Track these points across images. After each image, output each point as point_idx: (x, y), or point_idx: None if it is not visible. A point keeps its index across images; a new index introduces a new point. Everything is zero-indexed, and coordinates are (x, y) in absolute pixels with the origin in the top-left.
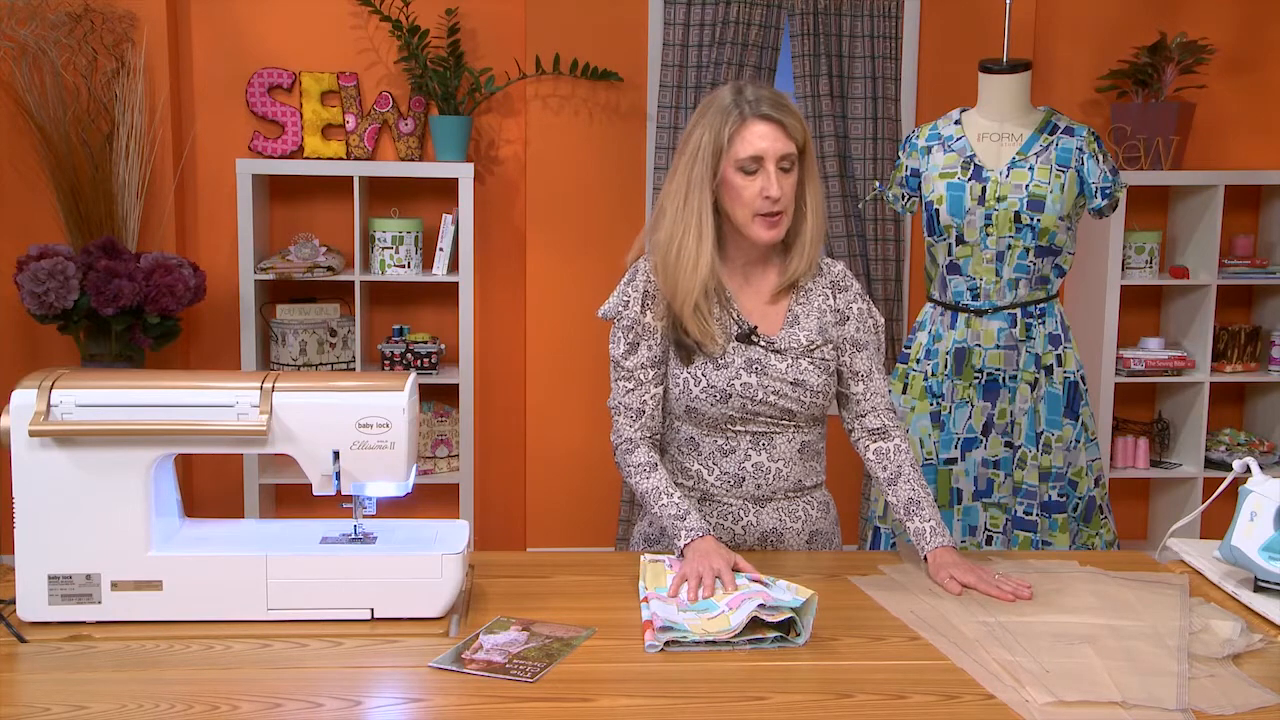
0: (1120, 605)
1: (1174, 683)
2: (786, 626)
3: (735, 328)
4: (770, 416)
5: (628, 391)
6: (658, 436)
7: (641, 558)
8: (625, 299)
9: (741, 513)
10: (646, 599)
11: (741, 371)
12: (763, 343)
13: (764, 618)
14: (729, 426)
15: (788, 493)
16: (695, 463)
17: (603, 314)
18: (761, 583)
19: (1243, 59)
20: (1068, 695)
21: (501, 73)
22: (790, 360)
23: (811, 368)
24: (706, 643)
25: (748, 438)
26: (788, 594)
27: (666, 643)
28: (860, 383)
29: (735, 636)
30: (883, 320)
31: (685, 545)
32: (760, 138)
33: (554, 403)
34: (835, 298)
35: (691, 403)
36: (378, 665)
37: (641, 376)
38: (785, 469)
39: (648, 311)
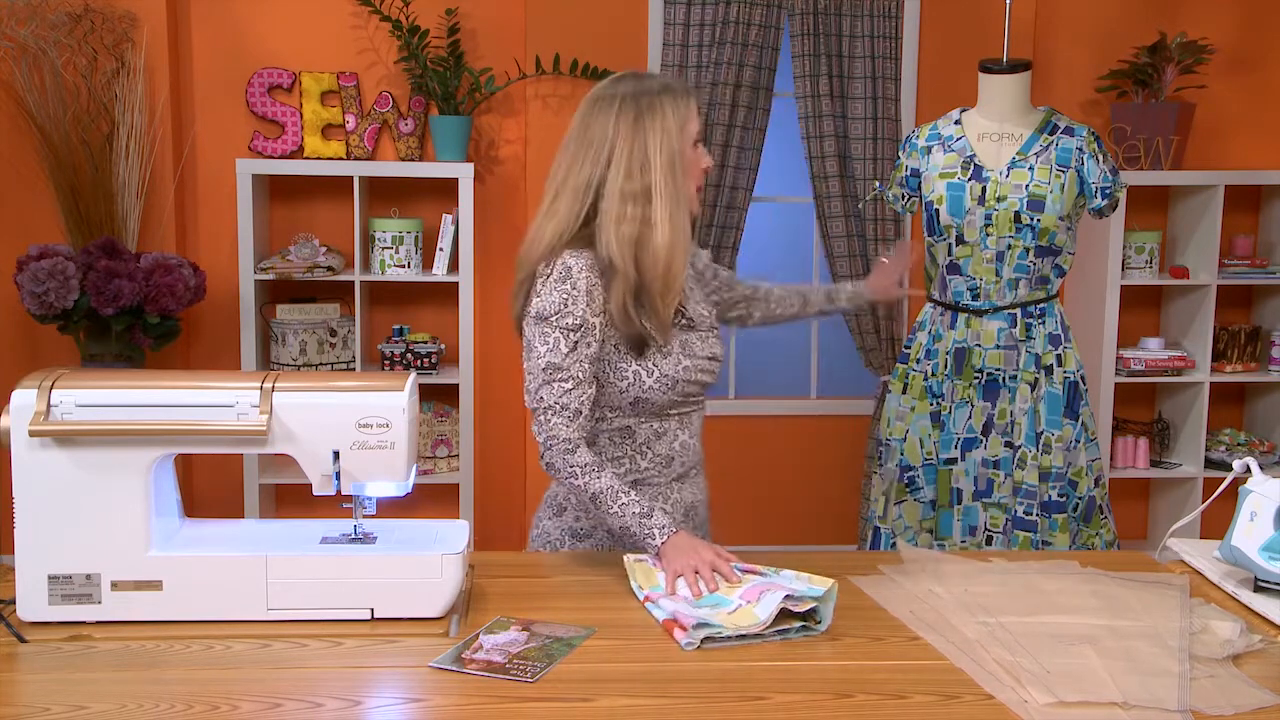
0: (1120, 605)
1: (1174, 683)
2: (806, 615)
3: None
4: (695, 395)
5: (565, 392)
6: (588, 436)
7: (625, 558)
8: (565, 298)
9: (669, 491)
10: (649, 599)
11: (680, 356)
12: (684, 321)
13: (790, 608)
14: (666, 411)
15: (697, 466)
16: (629, 449)
17: (536, 314)
18: (757, 572)
19: (1243, 59)
20: (1068, 696)
21: (501, 73)
22: (701, 335)
23: (716, 340)
24: (738, 637)
25: (676, 419)
26: (800, 583)
27: (704, 639)
28: (732, 283)
29: (765, 629)
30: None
31: (661, 543)
32: (698, 113)
33: None
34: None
35: (643, 394)
36: (378, 665)
37: (579, 375)
38: (696, 443)
39: (590, 309)
